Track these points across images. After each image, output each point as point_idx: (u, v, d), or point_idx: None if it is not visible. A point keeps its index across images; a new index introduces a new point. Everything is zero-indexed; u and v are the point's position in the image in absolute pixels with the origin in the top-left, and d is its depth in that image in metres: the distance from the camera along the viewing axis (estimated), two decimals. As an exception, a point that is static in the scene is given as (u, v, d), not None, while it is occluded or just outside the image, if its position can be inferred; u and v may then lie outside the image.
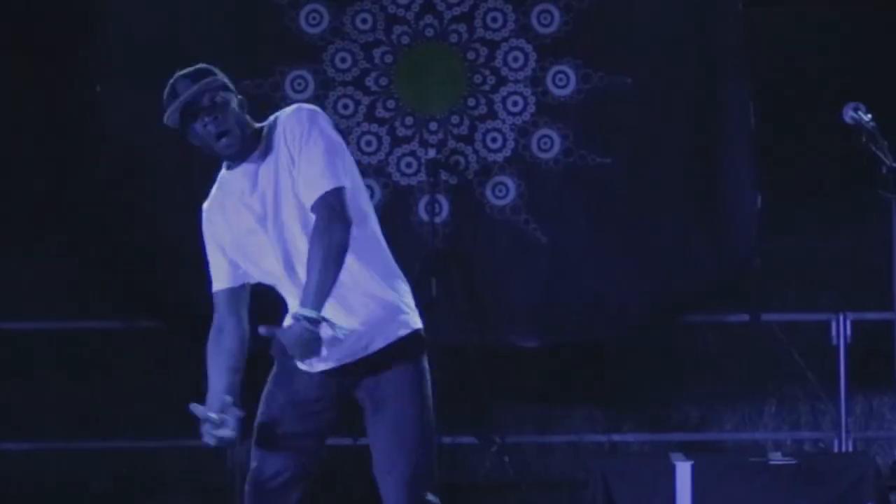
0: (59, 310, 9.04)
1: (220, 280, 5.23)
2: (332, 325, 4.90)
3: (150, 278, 8.64)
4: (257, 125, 5.07)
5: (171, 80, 5.08)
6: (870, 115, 5.54)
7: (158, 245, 8.45)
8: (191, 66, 8.13)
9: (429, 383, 5.02)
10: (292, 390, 5.14)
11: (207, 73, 5.07)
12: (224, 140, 4.93)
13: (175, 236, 7.99)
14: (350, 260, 4.90)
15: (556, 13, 8.47)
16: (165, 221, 8.38)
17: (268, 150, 5.07)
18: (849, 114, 5.53)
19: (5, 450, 9.06)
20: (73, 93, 8.97)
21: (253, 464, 5.20)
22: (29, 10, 9.23)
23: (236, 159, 5.05)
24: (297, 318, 4.77)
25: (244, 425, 5.14)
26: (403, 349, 4.98)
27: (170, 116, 5.03)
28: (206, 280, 5.66)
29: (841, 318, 8.70)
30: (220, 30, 8.45)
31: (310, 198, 4.90)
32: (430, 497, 4.98)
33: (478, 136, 8.56)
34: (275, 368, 5.21)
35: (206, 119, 4.94)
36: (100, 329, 9.11)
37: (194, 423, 7.78)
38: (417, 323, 4.99)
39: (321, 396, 5.11)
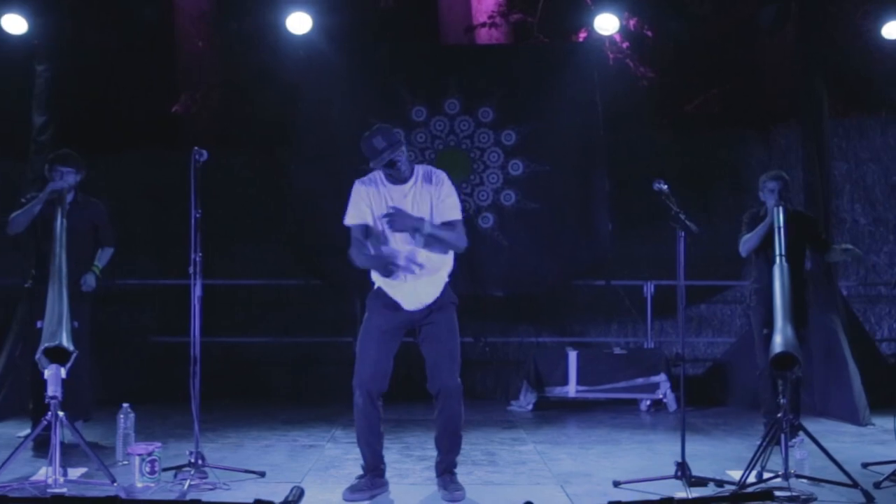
0: (269, 273, 9.49)
1: (356, 219, 5.01)
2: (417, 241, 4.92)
3: (318, 257, 8.72)
4: (413, 166, 5.07)
5: (372, 136, 4.91)
6: (666, 185, 5.45)
7: (323, 241, 8.43)
8: (336, 157, 8.55)
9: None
10: (384, 328, 5.07)
11: (392, 135, 4.99)
12: (392, 176, 4.97)
13: (332, 235, 8.48)
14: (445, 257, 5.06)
15: (513, 134, 8.80)
16: (325, 227, 8.16)
17: (423, 187, 5.04)
18: (656, 184, 5.47)
19: (239, 341, 9.46)
20: (281, 166, 9.35)
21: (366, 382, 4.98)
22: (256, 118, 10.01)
23: (396, 182, 5.03)
24: (422, 219, 4.89)
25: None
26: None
27: (375, 159, 4.91)
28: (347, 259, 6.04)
29: (649, 284, 9.21)
30: (351, 140, 8.64)
31: (449, 216, 4.97)
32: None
33: (475, 193, 8.85)
34: (370, 323, 5.08)
35: (390, 169, 4.94)
36: (291, 284, 9.47)
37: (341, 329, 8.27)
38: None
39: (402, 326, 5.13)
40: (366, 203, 5.08)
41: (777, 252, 5.90)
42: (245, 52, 9.84)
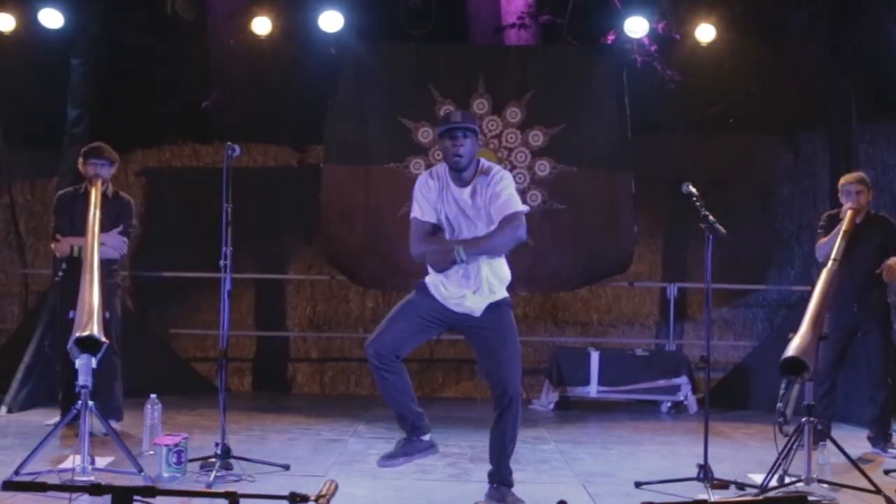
0: (296, 269, 9.54)
1: (426, 215, 4.80)
2: (464, 266, 4.71)
3: (340, 255, 8.62)
4: (476, 162, 4.78)
5: (453, 110, 4.89)
6: (694, 188, 5.37)
7: (350, 238, 8.50)
8: (365, 154, 8.53)
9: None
10: (423, 310, 4.83)
11: (473, 119, 4.85)
12: (457, 158, 4.72)
13: (360, 232, 8.44)
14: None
15: (541, 135, 8.66)
16: (353, 225, 8.50)
17: (480, 185, 4.79)
18: (685, 187, 5.43)
19: (265, 335, 9.52)
20: (310, 164, 9.44)
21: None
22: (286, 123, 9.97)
23: (459, 172, 4.77)
24: (456, 249, 4.64)
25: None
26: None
27: (442, 126, 4.77)
28: (366, 257, 5.87)
29: (672, 286, 9.10)
30: (381, 138, 8.51)
31: (504, 212, 4.70)
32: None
33: (501, 193, 9.03)
34: (410, 303, 4.85)
35: (456, 141, 4.70)
36: (317, 280, 9.48)
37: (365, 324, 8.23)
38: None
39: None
40: (435, 200, 4.83)
41: (832, 255, 5.83)
42: (276, 49, 9.79)
